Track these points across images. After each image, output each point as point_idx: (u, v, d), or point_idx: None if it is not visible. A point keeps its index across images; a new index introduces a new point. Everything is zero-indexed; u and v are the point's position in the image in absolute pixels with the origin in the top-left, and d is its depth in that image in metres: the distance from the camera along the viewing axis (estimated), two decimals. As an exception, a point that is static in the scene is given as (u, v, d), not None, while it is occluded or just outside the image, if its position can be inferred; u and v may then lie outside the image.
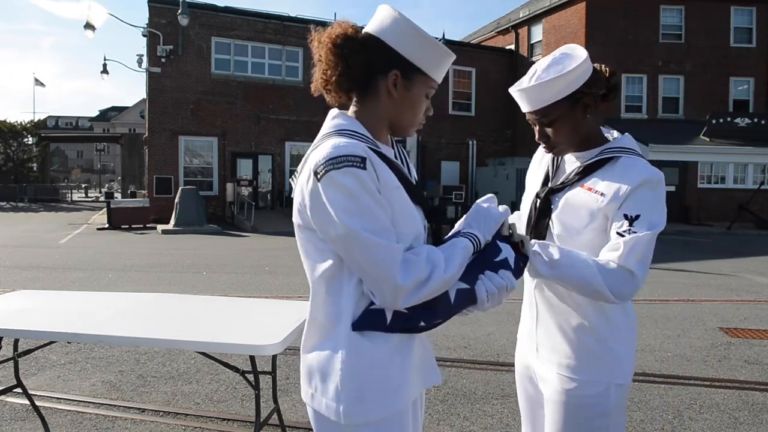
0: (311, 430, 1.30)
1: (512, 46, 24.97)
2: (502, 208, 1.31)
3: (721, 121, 20.00)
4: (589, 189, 1.46)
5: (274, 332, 2.13)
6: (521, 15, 24.57)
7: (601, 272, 1.34)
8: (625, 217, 1.37)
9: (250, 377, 2.30)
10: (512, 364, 4.46)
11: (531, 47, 24.03)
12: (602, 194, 1.42)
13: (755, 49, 21.69)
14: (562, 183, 1.52)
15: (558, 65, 1.44)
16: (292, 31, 20.89)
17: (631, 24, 20.60)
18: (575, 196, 1.48)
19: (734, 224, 17.48)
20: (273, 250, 12.24)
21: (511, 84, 1.53)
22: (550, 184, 1.57)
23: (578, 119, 1.48)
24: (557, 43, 22.31)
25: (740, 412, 3.44)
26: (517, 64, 24.59)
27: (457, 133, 23.61)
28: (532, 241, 1.38)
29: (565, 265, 1.35)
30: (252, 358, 2.22)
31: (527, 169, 1.76)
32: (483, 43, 26.84)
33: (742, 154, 19.73)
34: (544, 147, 1.55)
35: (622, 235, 1.36)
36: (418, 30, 1.23)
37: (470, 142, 23.86)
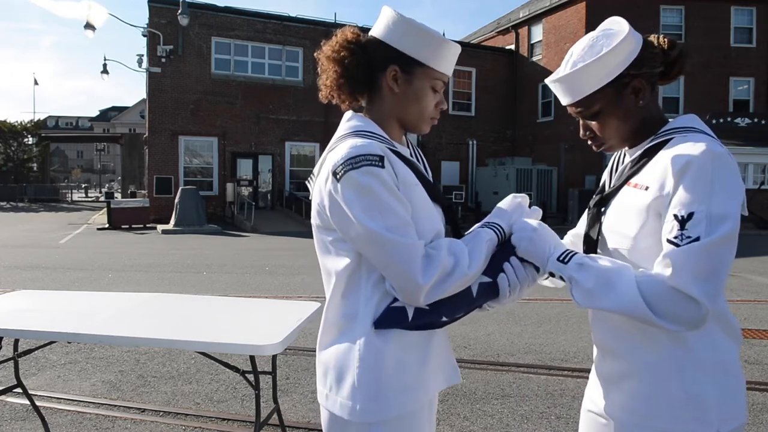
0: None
1: (512, 46, 24.96)
2: (534, 207, 1.31)
3: (721, 121, 20.00)
4: (635, 185, 1.20)
5: (274, 332, 2.13)
6: (521, 15, 24.57)
7: (647, 297, 1.07)
8: (675, 218, 1.08)
9: (250, 377, 2.30)
10: (512, 364, 4.47)
11: (531, 47, 24.03)
12: (646, 187, 1.16)
13: (755, 49, 21.69)
14: (612, 186, 1.28)
15: (595, 47, 1.22)
16: (292, 31, 20.91)
17: (631, 24, 20.59)
18: (622, 197, 1.24)
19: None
20: (273, 250, 12.24)
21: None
22: (604, 193, 1.31)
23: (628, 108, 1.23)
24: (557, 43, 22.33)
25: (740, 412, 3.44)
26: (517, 64, 24.60)
27: (457, 133, 23.61)
28: (574, 260, 1.17)
29: (597, 288, 1.11)
30: (252, 358, 2.22)
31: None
32: (483, 43, 26.83)
33: (742, 154, 19.71)
34: (591, 144, 1.32)
35: (675, 244, 1.07)
36: (410, 22, 1.24)
37: (470, 142, 23.87)
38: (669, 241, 1.08)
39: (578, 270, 1.15)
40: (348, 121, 1.28)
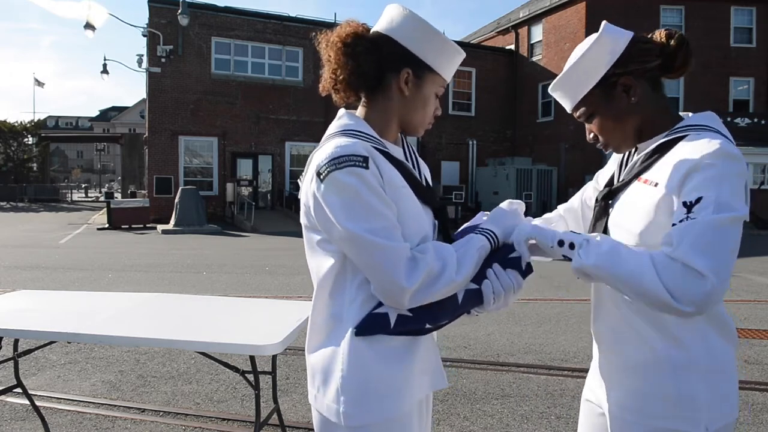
0: (311, 430, 1.29)
1: (512, 46, 24.96)
2: (528, 218, 1.30)
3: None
4: (645, 181, 1.19)
5: (274, 332, 2.13)
6: (521, 15, 24.57)
7: (657, 266, 1.04)
8: (684, 204, 1.07)
9: (250, 377, 2.30)
10: (512, 364, 4.47)
11: (531, 47, 24.02)
12: (656, 183, 1.15)
13: (755, 49, 21.70)
14: (621, 180, 1.28)
15: (577, 54, 1.25)
16: (292, 31, 20.91)
17: (631, 24, 20.22)
18: (631, 193, 1.23)
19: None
20: (273, 250, 12.24)
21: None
22: (613, 186, 1.31)
23: (621, 107, 1.24)
24: (557, 43, 22.33)
25: (740, 412, 3.44)
26: (517, 64, 24.59)
27: (457, 133, 23.61)
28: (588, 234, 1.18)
29: (609, 253, 1.09)
30: (252, 358, 2.22)
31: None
32: (483, 43, 26.83)
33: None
34: (598, 145, 1.32)
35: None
36: (430, 28, 1.23)
37: (470, 142, 23.87)
38: (674, 224, 1.07)
39: (593, 237, 1.14)
40: (339, 119, 1.27)
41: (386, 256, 1.10)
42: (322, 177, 1.13)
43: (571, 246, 1.14)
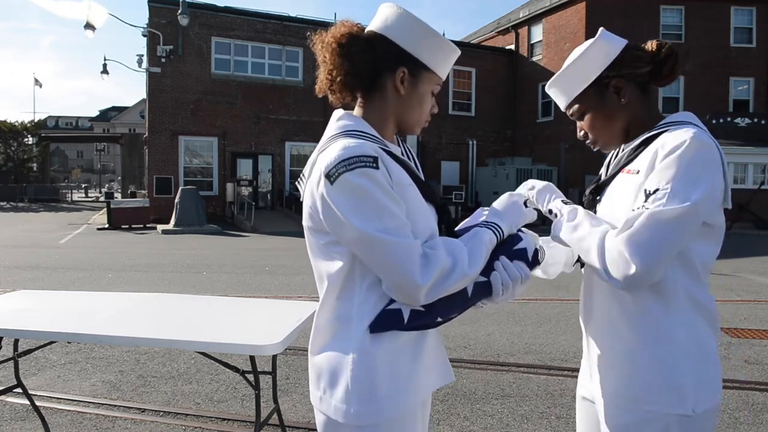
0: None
1: (512, 46, 24.96)
2: (529, 208, 1.32)
3: (721, 121, 20.01)
4: (629, 171, 1.29)
5: (274, 332, 2.13)
6: (521, 15, 24.57)
7: (602, 247, 1.18)
8: (644, 192, 1.17)
9: (250, 377, 2.30)
10: (512, 364, 4.47)
11: (531, 47, 24.03)
12: (638, 171, 1.25)
13: (755, 49, 21.70)
14: (609, 174, 1.37)
15: (573, 55, 1.35)
16: (292, 31, 20.91)
17: (631, 24, 20.61)
18: (617, 184, 1.32)
19: (734, 224, 17.48)
20: (273, 250, 12.24)
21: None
22: (600, 181, 1.41)
23: (612, 107, 1.33)
24: (557, 43, 22.34)
25: (740, 412, 3.44)
26: (517, 64, 24.60)
27: (457, 133, 23.61)
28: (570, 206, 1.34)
29: (570, 231, 1.27)
30: (252, 358, 2.22)
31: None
32: (483, 43, 26.84)
33: (742, 154, 19.73)
34: (588, 142, 1.42)
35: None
36: (424, 26, 1.23)
37: (470, 142, 23.87)
38: (633, 210, 1.18)
39: (567, 213, 1.32)
40: (338, 120, 1.25)
41: (400, 254, 1.10)
42: (332, 179, 1.11)
43: (555, 216, 1.36)
